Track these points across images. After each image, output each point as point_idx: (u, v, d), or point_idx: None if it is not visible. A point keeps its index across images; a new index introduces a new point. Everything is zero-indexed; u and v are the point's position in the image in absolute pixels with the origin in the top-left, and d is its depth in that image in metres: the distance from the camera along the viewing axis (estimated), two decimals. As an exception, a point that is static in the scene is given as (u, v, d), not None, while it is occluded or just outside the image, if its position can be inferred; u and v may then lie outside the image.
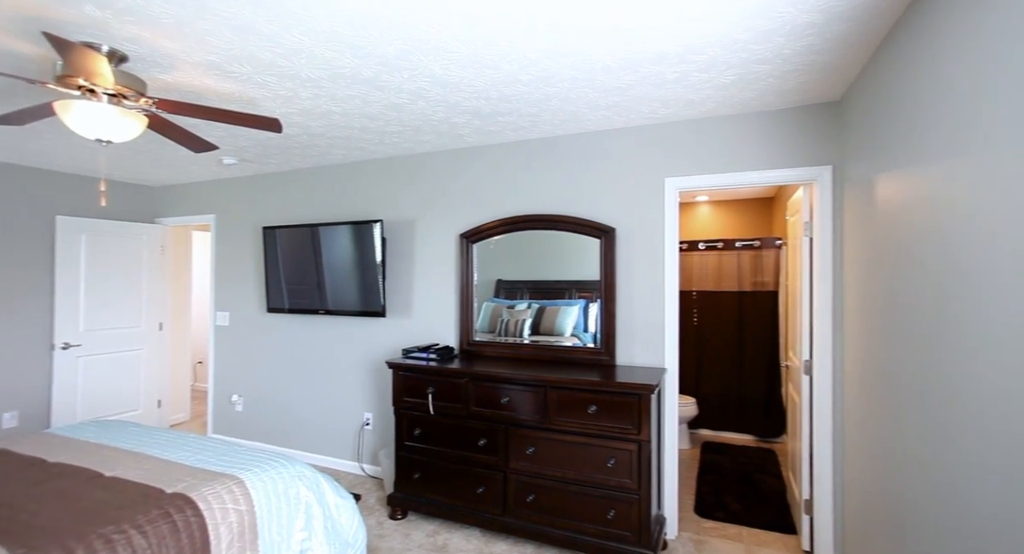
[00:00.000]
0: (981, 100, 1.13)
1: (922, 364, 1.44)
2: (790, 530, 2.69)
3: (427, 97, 2.32)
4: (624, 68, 2.01)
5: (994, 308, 1.08)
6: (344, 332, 3.56)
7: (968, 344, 1.19)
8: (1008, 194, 1.03)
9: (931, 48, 1.38)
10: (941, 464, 1.32)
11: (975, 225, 1.16)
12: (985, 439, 1.11)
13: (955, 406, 1.25)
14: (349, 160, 3.51)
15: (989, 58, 1.10)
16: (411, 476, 2.76)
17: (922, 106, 1.44)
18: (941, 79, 1.32)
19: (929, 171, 1.40)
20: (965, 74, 1.20)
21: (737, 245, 4.28)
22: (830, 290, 2.35)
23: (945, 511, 1.30)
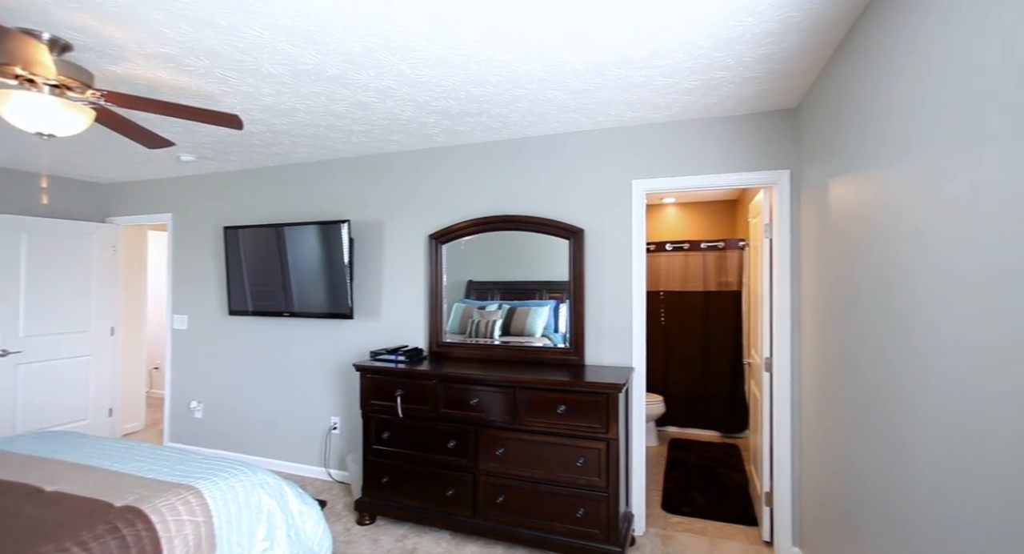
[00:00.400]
0: (920, 110, 1.19)
1: (870, 362, 1.51)
2: (752, 522, 2.77)
3: (395, 96, 2.29)
4: (591, 71, 2.04)
5: (932, 307, 1.14)
6: (311, 334, 3.47)
7: (911, 342, 1.25)
8: (942, 197, 1.09)
9: (877, 61, 1.45)
10: (888, 457, 1.39)
11: (915, 227, 1.22)
12: (927, 433, 1.18)
13: (900, 402, 1.32)
14: (315, 159, 3.43)
15: (928, 73, 1.16)
16: (379, 480, 2.71)
17: (868, 114, 1.51)
18: (885, 90, 1.39)
19: (875, 176, 1.47)
20: (906, 86, 1.27)
21: (702, 246, 4.40)
22: (788, 289, 2.44)
23: (892, 502, 1.37)
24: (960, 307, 1.04)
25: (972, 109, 0.99)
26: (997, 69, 0.91)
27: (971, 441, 1.00)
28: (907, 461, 1.28)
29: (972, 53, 0.99)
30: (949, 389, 1.08)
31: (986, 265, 0.95)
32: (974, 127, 0.99)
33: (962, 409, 1.03)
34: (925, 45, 1.18)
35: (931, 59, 1.15)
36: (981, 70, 0.96)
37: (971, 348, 1.00)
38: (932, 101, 1.15)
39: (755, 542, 2.59)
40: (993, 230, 0.93)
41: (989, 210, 0.94)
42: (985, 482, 0.95)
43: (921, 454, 1.20)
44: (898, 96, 1.32)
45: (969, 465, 1.00)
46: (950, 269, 1.08)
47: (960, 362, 1.04)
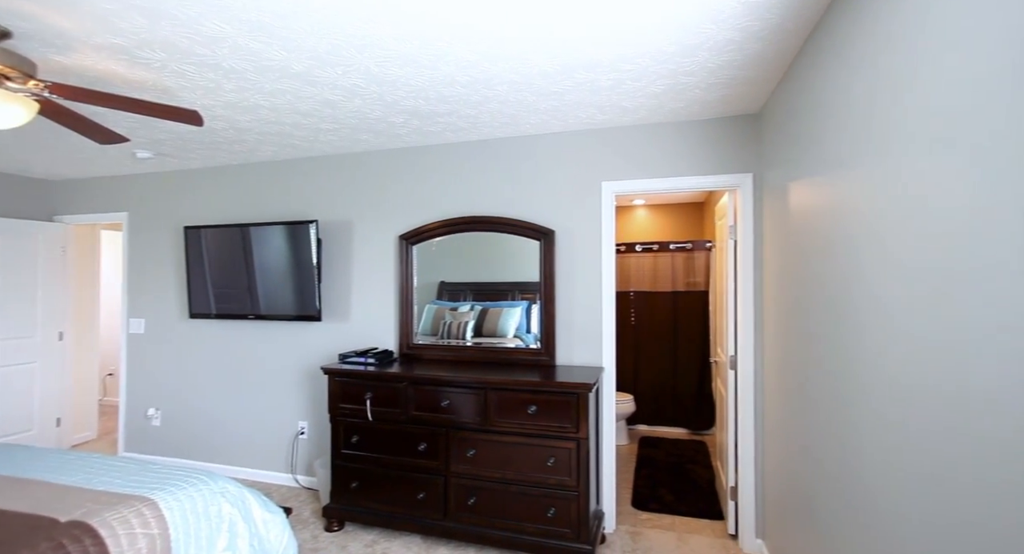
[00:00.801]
0: (872, 117, 1.25)
1: (825, 358, 1.58)
2: (719, 516, 2.85)
3: (363, 95, 2.25)
4: (560, 73, 2.05)
5: (882, 305, 1.20)
6: (277, 337, 3.38)
7: (861, 339, 1.31)
8: (891, 200, 1.14)
9: (831, 70, 1.52)
10: (841, 450, 1.45)
11: (865, 228, 1.28)
12: (876, 426, 1.23)
13: (853, 396, 1.38)
14: (281, 157, 3.34)
15: (877, 82, 1.22)
16: (348, 485, 2.66)
17: (824, 120, 1.58)
18: (839, 98, 1.46)
19: (830, 179, 1.53)
20: (858, 94, 1.33)
21: (671, 247, 4.49)
22: (752, 289, 2.52)
23: (845, 492, 1.43)
24: (908, 305, 1.09)
25: (919, 116, 1.05)
26: (941, 78, 0.97)
27: (917, 434, 1.05)
28: (858, 453, 1.33)
29: (918, 63, 1.05)
30: (897, 384, 1.14)
31: (933, 265, 1.00)
32: (921, 133, 1.04)
33: (909, 403, 1.08)
34: (874, 56, 1.24)
35: (879, 69, 1.21)
36: (926, 79, 1.02)
37: (918, 344, 1.05)
38: (882, 109, 1.20)
39: (721, 535, 2.65)
40: (941, 231, 0.98)
41: (935, 212, 0.99)
42: (929, 473, 1.00)
43: (871, 446, 1.26)
44: (850, 104, 1.38)
45: (915, 456, 1.06)
46: (898, 269, 1.13)
47: (907, 357, 1.09)
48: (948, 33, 0.93)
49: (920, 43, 1.03)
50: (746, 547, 2.50)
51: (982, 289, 0.84)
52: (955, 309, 0.91)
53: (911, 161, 1.06)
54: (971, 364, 0.87)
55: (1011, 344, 0.76)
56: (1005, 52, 0.78)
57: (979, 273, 0.84)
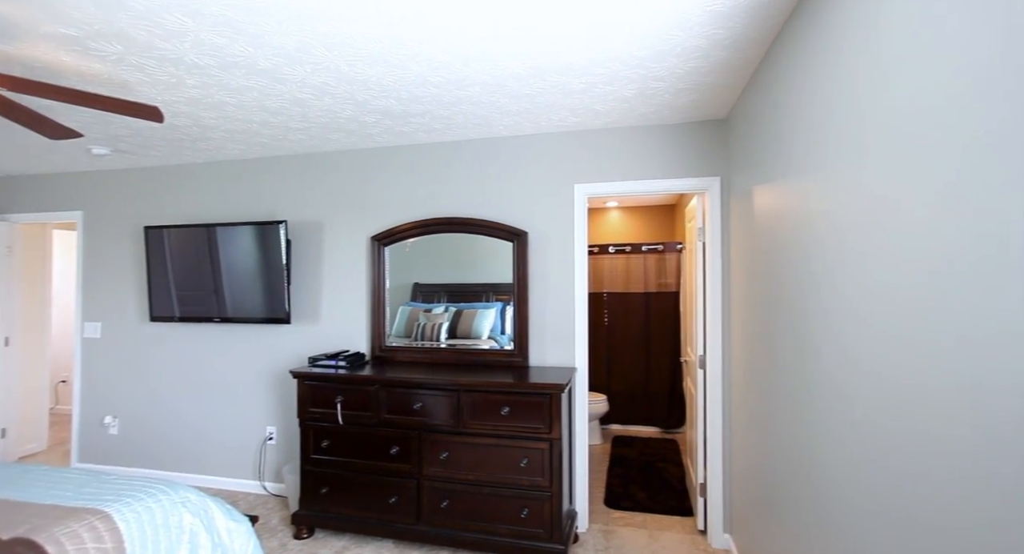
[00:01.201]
0: (830, 125, 1.30)
1: (788, 359, 1.63)
2: (688, 513, 2.91)
3: (333, 93, 2.21)
4: (533, 76, 2.06)
5: (840, 307, 1.25)
6: (245, 340, 3.28)
7: (821, 338, 1.36)
8: (847, 205, 1.19)
9: (792, 78, 1.57)
10: (801, 446, 1.50)
11: (824, 231, 1.33)
12: (836, 427, 1.28)
13: (813, 397, 1.43)
14: (249, 156, 3.25)
15: (833, 91, 1.27)
16: (318, 491, 2.60)
17: (785, 127, 1.63)
18: (799, 105, 1.51)
19: (790, 184, 1.59)
20: (816, 102, 1.38)
21: (643, 249, 4.57)
22: (720, 290, 2.59)
23: (805, 487, 1.48)
24: (864, 307, 1.14)
25: (874, 124, 1.09)
26: (893, 86, 1.01)
27: (872, 433, 1.10)
28: (818, 451, 1.38)
29: (869, 72, 1.10)
30: (854, 384, 1.18)
31: (889, 268, 1.05)
32: (872, 140, 1.09)
33: (866, 402, 1.13)
34: (831, 65, 1.29)
35: (834, 77, 1.26)
36: (880, 88, 1.06)
37: (875, 345, 1.10)
38: (840, 117, 1.25)
39: (691, 532, 2.71)
40: (898, 234, 1.02)
41: (889, 216, 1.04)
42: (883, 471, 1.05)
43: (829, 444, 1.31)
44: (809, 111, 1.43)
45: (870, 455, 1.10)
46: (855, 272, 1.18)
47: (864, 358, 1.14)
48: (899, 42, 0.98)
49: (871, 53, 1.08)
50: (714, 542, 2.56)
51: (938, 290, 0.88)
52: (910, 311, 0.96)
53: (863, 166, 1.11)
54: (926, 365, 0.91)
55: (967, 345, 0.81)
56: (956, 60, 0.82)
57: (936, 275, 0.89)
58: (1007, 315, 0.69)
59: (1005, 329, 0.69)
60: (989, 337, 0.72)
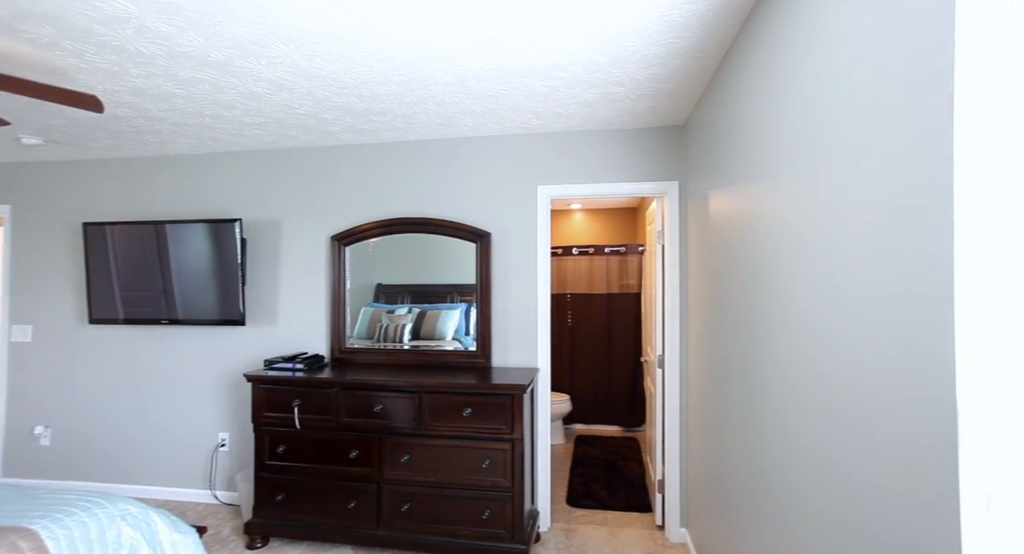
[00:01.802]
0: (781, 133, 1.36)
1: (739, 359, 1.70)
2: (648, 509, 2.98)
3: (290, 89, 2.15)
4: (496, 77, 2.07)
5: (782, 305, 1.31)
6: (196, 343, 3.14)
7: (770, 343, 1.42)
8: (798, 210, 1.26)
9: (745, 87, 1.64)
10: (751, 446, 1.57)
11: (775, 234, 1.40)
12: (781, 426, 1.34)
13: (760, 396, 1.49)
14: (201, 151, 3.12)
15: (783, 101, 1.33)
16: (273, 498, 2.52)
17: (739, 134, 1.70)
18: (752, 113, 1.58)
19: (742, 189, 1.66)
20: (768, 112, 1.44)
21: (606, 251, 4.65)
22: (678, 291, 2.66)
23: (754, 482, 1.54)
24: (805, 310, 1.20)
25: (824, 133, 1.15)
26: (841, 98, 1.07)
27: (811, 432, 1.15)
28: (764, 448, 1.45)
29: (821, 84, 1.16)
30: (796, 384, 1.24)
31: (836, 272, 1.10)
32: (815, 147, 1.15)
33: (808, 403, 1.19)
34: (782, 77, 1.35)
35: (785, 89, 1.32)
36: (830, 98, 1.12)
37: (814, 348, 1.16)
38: (791, 126, 1.32)
39: (649, 527, 2.78)
40: (841, 237, 1.08)
41: (839, 220, 1.09)
42: (820, 468, 1.11)
43: (775, 442, 1.37)
44: (762, 119, 1.50)
45: (810, 453, 1.16)
46: (799, 276, 1.24)
47: (804, 360, 1.20)
48: (824, 67, 1.04)
49: (802, 72, 1.14)
50: (671, 536, 2.63)
51: (875, 295, 0.94)
52: (849, 315, 1.01)
53: (818, 173, 1.17)
54: (863, 367, 0.96)
55: (904, 349, 0.86)
56: (893, 69, 0.88)
57: (872, 280, 0.94)
58: (937, 325, 0.74)
59: (936, 340, 0.74)
60: (919, 345, 0.78)
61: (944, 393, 0.69)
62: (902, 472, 0.79)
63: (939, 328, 0.70)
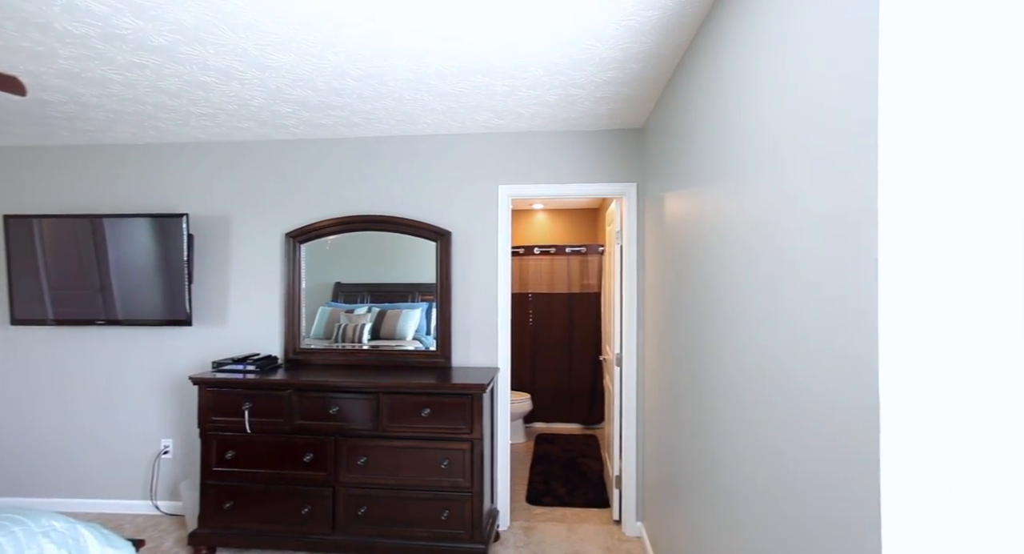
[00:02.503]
0: (731, 138, 1.42)
1: (691, 356, 1.76)
2: (606, 504, 3.03)
3: (241, 79, 2.06)
4: (456, 76, 2.05)
5: (730, 306, 1.36)
6: (137, 345, 2.96)
7: (715, 342, 1.48)
8: (744, 212, 1.31)
9: (698, 93, 1.70)
10: (703, 442, 1.62)
11: (723, 237, 1.45)
12: (726, 416, 1.40)
13: (708, 393, 1.55)
14: (143, 140, 2.94)
15: (731, 109, 1.39)
16: (221, 506, 2.41)
17: (692, 138, 1.76)
18: (704, 118, 1.63)
19: (695, 192, 1.71)
20: (717, 117, 1.50)
21: (567, 250, 4.70)
22: (635, 291, 2.73)
23: (703, 476, 1.60)
24: (753, 310, 1.25)
25: (765, 142, 1.21)
26: (780, 108, 1.12)
27: (755, 429, 1.21)
28: (712, 443, 1.50)
29: (763, 94, 1.21)
30: (738, 382, 1.30)
31: (777, 274, 1.16)
32: (768, 157, 1.20)
33: (751, 400, 1.24)
34: (730, 87, 1.40)
35: (734, 97, 1.38)
36: (770, 108, 1.18)
37: (752, 348, 1.21)
38: (738, 133, 1.37)
39: (607, 522, 2.83)
40: (781, 241, 1.13)
41: (778, 224, 1.15)
42: (762, 464, 1.16)
43: (723, 436, 1.43)
44: (712, 126, 1.55)
45: (754, 448, 1.21)
46: (750, 277, 1.29)
47: (746, 358, 1.25)
48: (778, 67, 1.09)
49: (746, 83, 1.19)
50: (628, 530, 2.69)
51: (810, 296, 0.98)
52: (788, 316, 1.06)
53: (750, 179, 1.22)
54: (799, 367, 1.01)
55: (835, 346, 0.91)
56: (823, 83, 0.92)
57: (808, 282, 0.99)
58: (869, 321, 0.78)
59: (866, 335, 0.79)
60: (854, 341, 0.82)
61: (869, 385, 0.74)
62: (835, 461, 0.84)
63: (865, 327, 0.75)
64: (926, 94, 0.70)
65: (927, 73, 0.70)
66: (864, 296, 0.75)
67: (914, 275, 0.70)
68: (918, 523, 0.69)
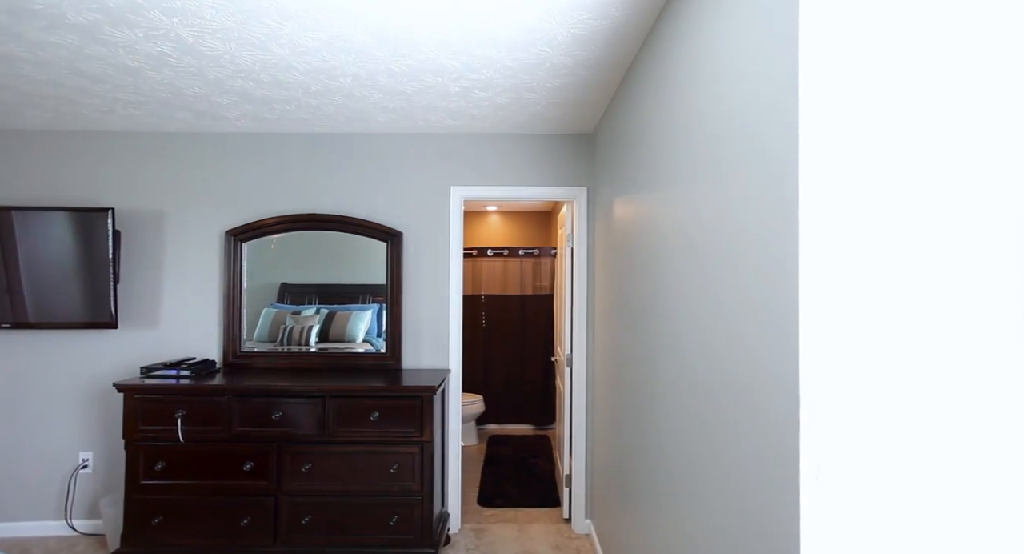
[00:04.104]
0: (677, 147, 1.48)
1: (638, 357, 1.82)
2: (556, 504, 3.08)
3: (175, 66, 1.94)
4: (407, 75, 2.03)
5: (672, 306, 1.42)
6: (53, 350, 2.71)
7: (659, 343, 1.54)
8: (677, 221, 1.37)
9: (639, 104, 1.76)
10: (648, 440, 1.68)
11: (665, 241, 1.51)
12: (668, 419, 1.46)
13: (656, 391, 1.61)
14: (60, 127, 2.71)
15: (675, 117, 1.45)
16: (148, 522, 2.25)
17: (636, 147, 1.82)
18: (647, 127, 1.70)
19: (642, 198, 1.78)
20: (662, 127, 1.56)
21: (521, 253, 4.74)
22: (585, 293, 2.79)
23: (647, 475, 1.65)
24: (694, 310, 1.31)
25: (709, 144, 1.27)
26: (724, 108, 1.18)
27: (697, 425, 1.27)
28: (658, 441, 1.56)
29: (703, 103, 1.27)
30: (685, 381, 1.36)
31: (713, 279, 1.21)
32: (711, 159, 1.26)
33: (693, 396, 1.30)
34: (675, 95, 1.47)
35: (677, 106, 1.44)
36: (713, 110, 1.24)
37: (693, 346, 1.27)
38: (682, 140, 1.43)
39: (557, 521, 2.87)
40: (715, 247, 1.19)
41: (714, 231, 1.20)
42: (706, 458, 1.21)
43: (666, 435, 1.49)
44: (658, 132, 1.62)
45: (698, 444, 1.27)
46: (693, 278, 1.35)
47: (685, 357, 1.31)
48: (714, 77, 1.15)
49: (685, 94, 1.25)
50: (577, 528, 2.74)
51: (740, 299, 1.04)
52: (722, 318, 1.12)
53: (694, 182, 1.28)
54: (735, 365, 1.07)
55: (762, 347, 0.96)
56: (752, 94, 0.98)
57: (739, 285, 1.05)
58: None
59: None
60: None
61: (790, 383, 0.79)
62: (760, 456, 0.90)
63: (789, 330, 0.80)
64: (845, 99, 0.76)
65: (847, 77, 0.76)
66: (787, 300, 0.81)
67: (832, 280, 0.76)
68: (834, 518, 0.75)
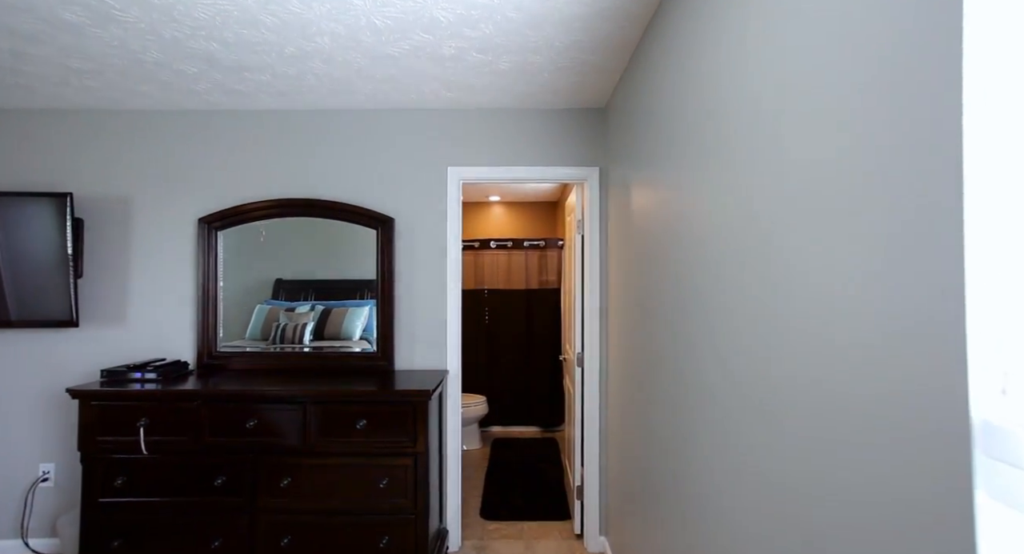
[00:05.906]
0: (698, 121, 1.20)
1: (664, 357, 1.54)
2: (566, 516, 2.81)
3: (122, 21, 1.67)
4: (394, 31, 1.75)
5: (710, 305, 1.14)
6: (5, 352, 2.47)
7: (698, 342, 1.26)
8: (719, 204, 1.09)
9: (663, 67, 1.47)
10: (677, 447, 1.41)
11: (695, 229, 1.23)
12: (702, 424, 1.18)
13: (686, 392, 1.33)
14: (10, 103, 2.44)
15: (707, 81, 1.17)
16: (108, 544, 2.00)
17: (659, 118, 1.54)
18: (671, 94, 1.41)
19: (668, 179, 1.49)
20: (682, 99, 1.28)
21: (525, 245, 4.46)
22: (598, 286, 2.51)
23: (673, 490, 1.38)
24: (740, 311, 1.03)
25: (767, 118, 0.98)
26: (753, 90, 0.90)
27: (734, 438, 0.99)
28: (685, 451, 1.29)
29: (763, 54, 0.99)
30: (720, 386, 1.08)
31: (750, 269, 0.93)
32: (770, 138, 0.98)
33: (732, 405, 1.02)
34: (711, 48, 1.18)
35: (710, 62, 1.15)
36: (776, 73, 0.95)
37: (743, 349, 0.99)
38: (725, 108, 1.15)
39: (568, 537, 2.60)
40: (753, 233, 0.91)
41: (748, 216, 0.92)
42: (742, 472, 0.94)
43: (695, 446, 1.21)
44: (685, 98, 1.33)
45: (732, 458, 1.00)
46: (721, 272, 1.07)
47: (733, 360, 1.03)
48: (778, 25, 0.87)
49: (732, 44, 0.97)
50: (590, 546, 2.47)
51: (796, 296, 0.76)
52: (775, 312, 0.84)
53: (742, 166, 1.00)
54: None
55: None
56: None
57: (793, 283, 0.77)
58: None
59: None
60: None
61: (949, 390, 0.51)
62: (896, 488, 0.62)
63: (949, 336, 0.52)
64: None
65: None
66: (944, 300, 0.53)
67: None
68: None
